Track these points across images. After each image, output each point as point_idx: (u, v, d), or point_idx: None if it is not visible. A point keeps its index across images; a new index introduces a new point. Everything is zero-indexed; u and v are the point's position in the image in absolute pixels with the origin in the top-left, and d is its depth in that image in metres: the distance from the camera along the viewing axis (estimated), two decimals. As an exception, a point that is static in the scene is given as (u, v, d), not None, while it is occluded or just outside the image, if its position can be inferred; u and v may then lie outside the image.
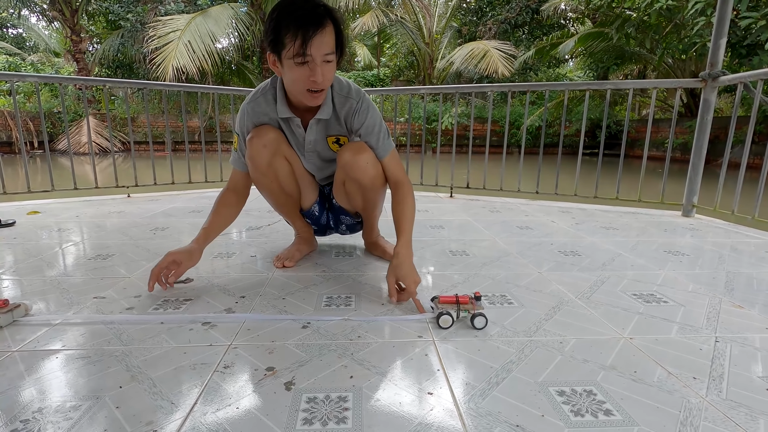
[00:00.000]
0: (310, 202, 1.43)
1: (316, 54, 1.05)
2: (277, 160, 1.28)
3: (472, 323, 0.95)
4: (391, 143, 1.30)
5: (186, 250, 1.21)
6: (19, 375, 0.76)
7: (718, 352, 0.87)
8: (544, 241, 1.74)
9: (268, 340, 0.89)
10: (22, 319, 0.96)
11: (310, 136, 1.27)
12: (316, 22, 1.04)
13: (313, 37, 1.03)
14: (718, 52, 2.16)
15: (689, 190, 2.32)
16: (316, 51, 1.05)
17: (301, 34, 1.03)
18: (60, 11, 12.29)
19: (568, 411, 0.68)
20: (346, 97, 1.23)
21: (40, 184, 2.60)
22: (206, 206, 2.42)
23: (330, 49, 1.07)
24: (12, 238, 1.69)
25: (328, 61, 1.08)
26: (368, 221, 1.47)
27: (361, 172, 1.23)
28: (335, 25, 1.08)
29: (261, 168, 1.27)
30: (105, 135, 11.44)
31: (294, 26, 1.04)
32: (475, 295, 0.98)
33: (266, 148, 1.24)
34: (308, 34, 1.03)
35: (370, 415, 0.67)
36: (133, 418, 0.65)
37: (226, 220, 1.34)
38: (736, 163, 2.11)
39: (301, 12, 1.04)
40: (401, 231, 1.19)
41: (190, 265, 1.21)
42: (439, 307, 0.97)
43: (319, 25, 1.04)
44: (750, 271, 1.40)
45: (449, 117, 11.98)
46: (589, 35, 10.72)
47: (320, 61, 1.07)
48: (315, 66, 1.07)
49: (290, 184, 1.35)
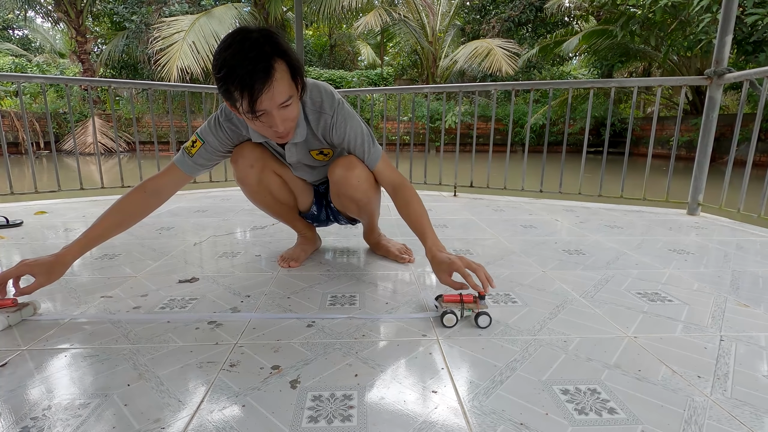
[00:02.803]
0: (307, 204, 1.43)
1: (270, 107, 0.96)
2: (266, 176, 1.27)
3: (476, 322, 0.96)
4: (378, 148, 1.22)
5: (45, 263, 0.99)
6: (29, 373, 0.77)
7: (723, 351, 0.87)
8: (548, 239, 1.74)
9: (273, 339, 0.90)
10: (30, 318, 0.98)
11: (291, 158, 1.22)
12: (262, 76, 0.91)
13: (261, 95, 0.92)
14: (723, 49, 2.14)
15: (694, 188, 2.31)
16: (269, 104, 0.95)
17: (247, 94, 0.92)
18: (65, 12, 12.36)
19: (572, 409, 0.68)
20: (319, 112, 1.13)
21: (47, 185, 2.62)
22: (211, 206, 2.43)
23: (284, 97, 0.96)
24: (20, 237, 1.71)
25: (285, 106, 0.98)
26: (367, 225, 1.47)
27: (353, 189, 1.21)
28: (286, 63, 0.96)
29: (252, 187, 1.27)
30: (110, 135, 11.51)
31: (239, 84, 0.92)
32: (479, 294, 0.98)
33: (253, 168, 1.23)
34: (255, 94, 0.92)
35: (374, 413, 0.67)
36: (140, 416, 0.66)
37: (120, 226, 1.12)
38: (742, 161, 2.09)
39: (242, 67, 0.91)
40: (424, 234, 1.12)
41: (44, 283, 0.99)
42: (443, 306, 0.97)
43: (265, 79, 0.91)
44: (756, 270, 1.39)
45: (453, 116, 11.96)
46: (594, 33, 10.66)
47: (276, 111, 0.97)
48: (272, 117, 0.98)
49: (284, 194, 1.35)
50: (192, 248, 1.58)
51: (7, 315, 0.93)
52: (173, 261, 1.42)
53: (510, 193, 2.87)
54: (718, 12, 2.90)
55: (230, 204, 2.51)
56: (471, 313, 0.97)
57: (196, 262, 1.41)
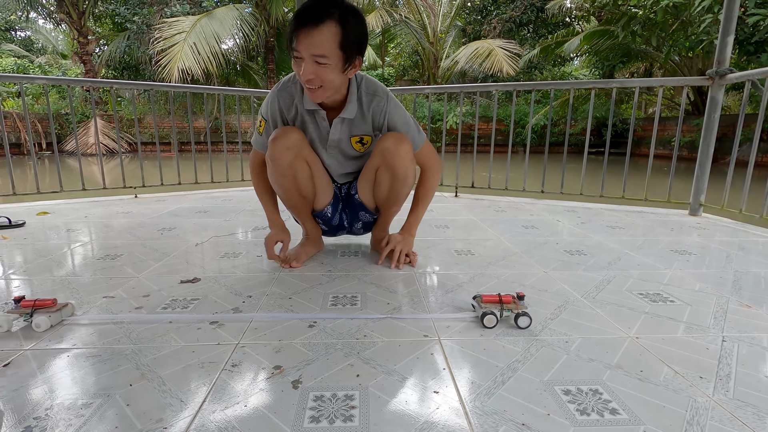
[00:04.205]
0: (324, 203, 1.44)
1: (304, 52, 1.07)
2: (297, 162, 1.30)
3: (516, 322, 0.95)
4: (423, 135, 1.38)
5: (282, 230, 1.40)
6: (32, 373, 0.77)
7: (726, 352, 0.87)
8: (550, 240, 1.74)
9: (275, 339, 0.90)
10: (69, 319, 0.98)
11: (334, 134, 1.30)
12: (311, 20, 1.04)
13: (299, 35, 1.06)
14: (725, 50, 2.14)
15: (696, 189, 2.30)
16: (304, 50, 1.06)
17: (293, 30, 1.06)
18: (67, 14, 12.40)
19: (574, 410, 0.68)
20: (373, 95, 1.26)
21: (49, 185, 2.63)
22: (212, 206, 2.44)
23: (322, 51, 1.07)
24: (22, 238, 1.72)
25: (319, 62, 1.08)
26: (384, 216, 1.48)
27: (400, 160, 1.27)
28: (342, 30, 1.07)
29: (282, 169, 1.29)
30: (112, 136, 11.54)
31: (294, 17, 1.07)
32: (518, 295, 0.99)
33: (290, 150, 1.26)
34: (298, 31, 1.06)
35: (376, 413, 0.67)
36: (143, 416, 0.66)
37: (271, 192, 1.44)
38: (744, 162, 2.09)
39: (305, 8, 1.05)
40: (411, 213, 1.43)
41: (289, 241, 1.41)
42: (482, 307, 0.97)
43: (312, 24, 1.04)
44: (758, 270, 1.39)
45: (454, 116, 11.96)
46: (595, 33, 10.65)
47: (309, 59, 1.08)
48: (302, 64, 1.09)
49: (307, 186, 1.37)
50: (194, 249, 1.59)
51: (48, 315, 0.93)
52: (175, 261, 1.43)
53: (511, 193, 2.87)
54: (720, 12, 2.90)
55: (232, 205, 2.51)
56: (510, 313, 0.97)
57: (197, 263, 1.42)
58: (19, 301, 0.96)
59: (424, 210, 1.44)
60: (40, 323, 0.92)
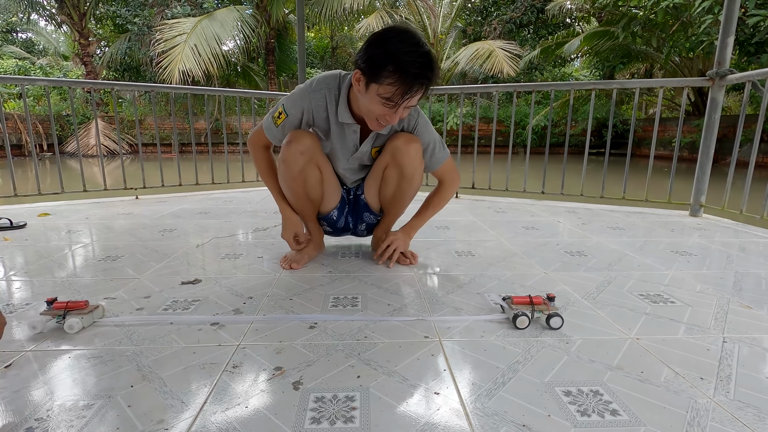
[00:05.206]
0: (330, 207, 1.45)
1: (407, 104, 1.10)
2: (309, 167, 1.31)
3: (548, 323, 0.96)
4: (447, 152, 1.39)
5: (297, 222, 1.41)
6: (33, 374, 0.77)
7: (726, 353, 0.87)
8: (550, 241, 1.74)
9: (275, 340, 0.90)
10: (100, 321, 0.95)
11: (365, 147, 1.32)
12: (423, 81, 1.06)
13: (412, 96, 1.08)
14: (725, 51, 2.14)
15: (697, 190, 2.30)
16: (408, 103, 1.10)
17: (405, 89, 1.06)
18: (68, 15, 12.42)
19: (575, 411, 0.68)
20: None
21: (50, 186, 2.64)
22: (213, 207, 2.44)
23: (417, 101, 1.12)
24: (23, 239, 1.72)
25: (409, 107, 1.12)
26: (388, 217, 1.48)
27: (409, 159, 1.29)
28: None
29: (293, 173, 1.30)
30: (113, 137, 11.55)
31: (401, 74, 1.04)
32: (549, 296, 0.99)
33: (303, 155, 1.27)
34: (410, 92, 1.06)
35: (377, 414, 0.67)
36: (144, 417, 0.66)
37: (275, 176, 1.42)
38: (745, 162, 2.09)
39: (416, 65, 1.04)
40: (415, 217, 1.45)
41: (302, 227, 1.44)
42: (513, 308, 0.98)
43: (423, 86, 1.07)
44: (759, 271, 1.39)
45: (454, 117, 11.96)
46: (595, 34, 10.65)
47: (404, 109, 1.11)
48: (397, 113, 1.11)
49: (316, 191, 1.38)
50: (195, 250, 1.59)
51: (81, 317, 0.93)
52: (176, 263, 1.43)
53: (512, 194, 2.87)
54: (720, 13, 2.90)
55: (233, 206, 2.52)
56: (541, 314, 0.97)
57: (198, 264, 1.42)
58: (51, 302, 0.95)
59: (430, 216, 1.46)
60: (73, 325, 0.92)
